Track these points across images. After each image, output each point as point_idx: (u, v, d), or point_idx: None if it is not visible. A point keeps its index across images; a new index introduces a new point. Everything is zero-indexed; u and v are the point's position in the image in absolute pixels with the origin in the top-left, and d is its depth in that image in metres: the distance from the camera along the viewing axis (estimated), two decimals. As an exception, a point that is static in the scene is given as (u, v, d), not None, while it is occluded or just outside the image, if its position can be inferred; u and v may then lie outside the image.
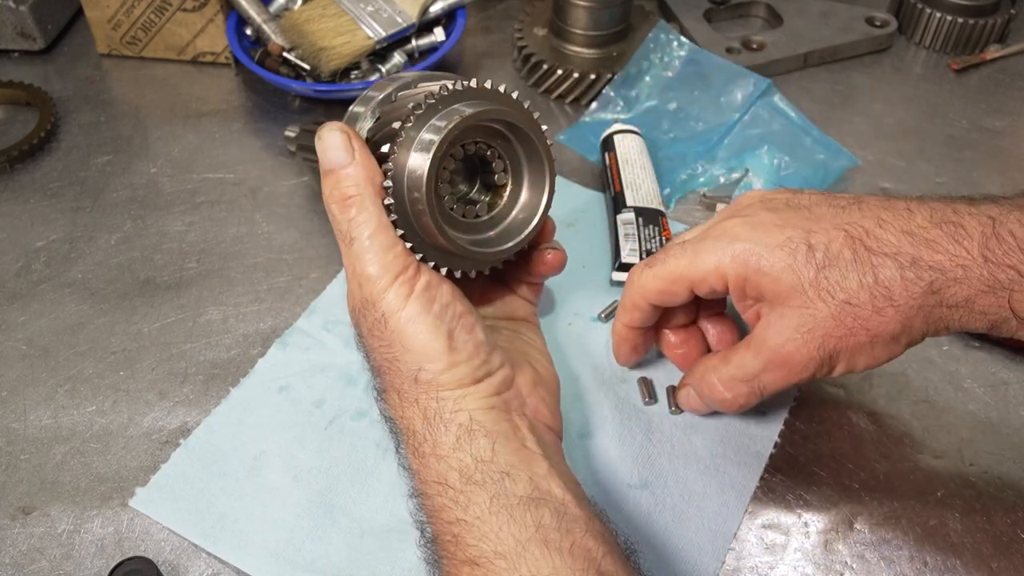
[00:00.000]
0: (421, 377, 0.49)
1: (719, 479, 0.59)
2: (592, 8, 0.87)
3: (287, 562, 0.55)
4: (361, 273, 0.50)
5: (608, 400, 0.64)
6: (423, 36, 0.89)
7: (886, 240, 0.49)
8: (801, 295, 0.51)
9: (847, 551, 0.56)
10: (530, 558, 0.44)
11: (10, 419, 0.63)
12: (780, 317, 0.52)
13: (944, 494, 0.59)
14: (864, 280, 0.49)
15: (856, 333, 0.50)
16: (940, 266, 0.48)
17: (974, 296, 0.48)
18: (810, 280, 0.50)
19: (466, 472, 0.47)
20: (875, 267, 0.49)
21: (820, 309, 0.50)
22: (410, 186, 0.49)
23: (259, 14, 0.88)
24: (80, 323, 0.69)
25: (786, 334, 0.52)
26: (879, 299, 0.49)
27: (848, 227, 0.50)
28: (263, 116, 0.88)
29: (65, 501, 0.59)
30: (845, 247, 0.50)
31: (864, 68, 0.94)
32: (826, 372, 0.53)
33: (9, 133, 0.86)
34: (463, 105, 0.49)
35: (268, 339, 0.68)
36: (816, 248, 0.50)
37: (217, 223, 0.77)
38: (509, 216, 0.54)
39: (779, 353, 0.52)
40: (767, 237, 0.52)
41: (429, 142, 0.48)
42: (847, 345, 0.51)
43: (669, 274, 0.56)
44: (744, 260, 0.52)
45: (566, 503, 0.47)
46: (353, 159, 0.50)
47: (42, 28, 0.93)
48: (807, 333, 0.51)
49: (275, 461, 0.60)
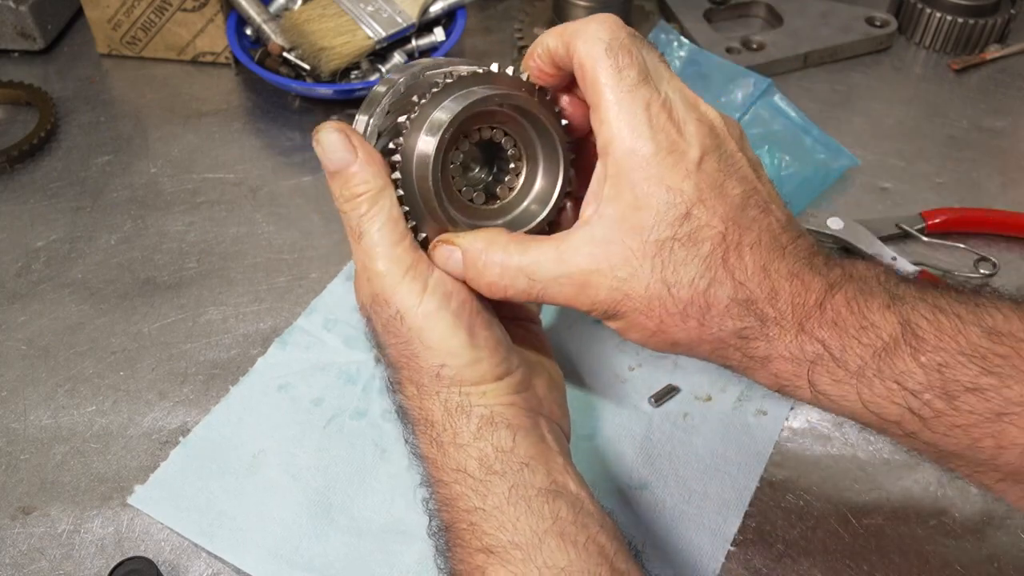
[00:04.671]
0: (443, 373, 0.49)
1: (719, 479, 0.59)
2: (592, 8, 0.87)
3: (285, 560, 0.55)
4: (371, 268, 0.49)
5: (609, 401, 0.64)
6: (423, 36, 0.89)
7: (745, 265, 0.46)
8: (640, 241, 0.46)
9: (847, 551, 0.56)
10: (546, 549, 0.44)
11: (10, 419, 0.63)
12: (605, 243, 0.47)
13: (943, 494, 0.59)
14: (697, 283, 0.46)
15: (650, 317, 0.47)
16: (763, 317, 0.45)
17: (773, 358, 0.46)
18: (658, 238, 0.46)
19: (486, 461, 0.47)
20: (714, 281, 0.46)
21: (643, 270, 0.46)
22: (418, 172, 0.49)
23: (259, 14, 0.88)
24: (80, 323, 0.69)
25: (600, 265, 0.47)
26: (693, 309, 0.46)
27: (730, 228, 0.46)
28: (263, 116, 0.88)
29: (65, 501, 0.59)
30: (709, 242, 0.46)
31: (864, 68, 0.94)
32: (599, 316, 0.49)
33: (9, 133, 0.86)
34: (475, 88, 0.49)
35: (268, 339, 0.68)
36: (691, 219, 0.46)
37: (217, 223, 0.77)
38: (521, 205, 0.53)
39: (581, 277, 0.47)
40: (671, 168, 0.46)
41: (438, 125, 0.48)
42: (633, 320, 0.48)
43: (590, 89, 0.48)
44: (637, 162, 0.46)
45: (582, 498, 0.47)
46: (356, 156, 0.50)
47: (42, 28, 0.93)
48: (618, 280, 0.47)
49: (274, 459, 0.60)
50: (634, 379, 0.65)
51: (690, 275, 0.46)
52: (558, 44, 0.50)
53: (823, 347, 0.45)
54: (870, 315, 0.44)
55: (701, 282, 0.46)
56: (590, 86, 0.48)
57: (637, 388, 0.65)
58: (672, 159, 0.46)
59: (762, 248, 0.46)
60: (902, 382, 0.43)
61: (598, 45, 0.47)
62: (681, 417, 0.63)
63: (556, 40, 0.50)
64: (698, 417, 0.63)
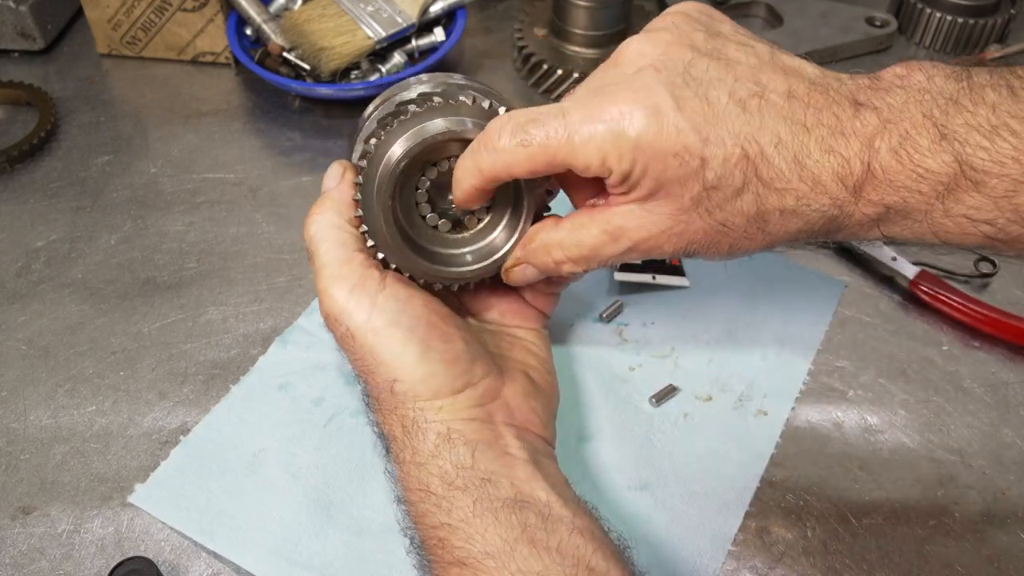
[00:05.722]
0: (396, 388, 0.49)
1: (719, 479, 0.59)
2: (592, 8, 0.87)
3: (284, 559, 0.55)
4: (320, 288, 0.51)
5: (608, 402, 0.64)
6: (423, 36, 0.89)
7: (778, 169, 0.45)
8: (677, 204, 0.47)
9: (847, 551, 0.56)
10: (519, 556, 0.44)
11: (10, 419, 0.63)
12: (645, 213, 0.48)
13: (943, 494, 0.59)
14: (744, 209, 0.46)
15: (719, 244, 0.48)
16: (816, 207, 0.46)
17: (843, 229, 0.47)
18: (692, 195, 0.46)
19: (447, 478, 0.47)
20: (759, 199, 0.46)
21: (694, 220, 0.47)
22: (378, 199, 0.50)
23: (259, 14, 0.88)
24: (80, 323, 0.69)
25: (651, 232, 0.48)
26: (753, 226, 0.47)
27: (747, 143, 0.45)
28: (263, 116, 0.88)
29: (65, 501, 0.59)
30: (737, 169, 0.45)
31: (864, 68, 0.94)
32: (678, 256, 0.53)
33: (9, 133, 0.86)
34: (435, 121, 0.50)
35: (268, 339, 0.68)
36: (709, 164, 0.45)
37: (217, 223, 0.77)
38: (488, 237, 0.55)
39: (643, 245, 0.49)
40: (662, 137, 0.45)
41: (393, 158, 0.49)
42: (708, 250, 0.49)
43: (545, 158, 0.47)
44: (633, 159, 0.46)
45: (551, 504, 0.47)
46: (336, 186, 0.53)
47: (42, 28, 0.93)
48: (675, 236, 0.48)
49: (274, 459, 0.60)
50: (634, 379, 0.65)
51: (736, 206, 0.46)
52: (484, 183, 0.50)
53: (884, 208, 0.45)
54: (922, 161, 0.43)
55: (748, 208, 0.46)
56: (550, 166, 0.47)
57: (637, 388, 0.65)
58: (654, 126, 0.45)
59: (785, 143, 0.45)
60: (971, 216, 0.43)
61: (518, 150, 0.47)
62: (681, 417, 0.63)
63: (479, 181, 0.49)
64: (698, 417, 0.63)
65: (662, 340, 0.68)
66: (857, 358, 0.67)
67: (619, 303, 0.69)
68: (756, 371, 0.65)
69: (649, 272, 0.70)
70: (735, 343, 0.67)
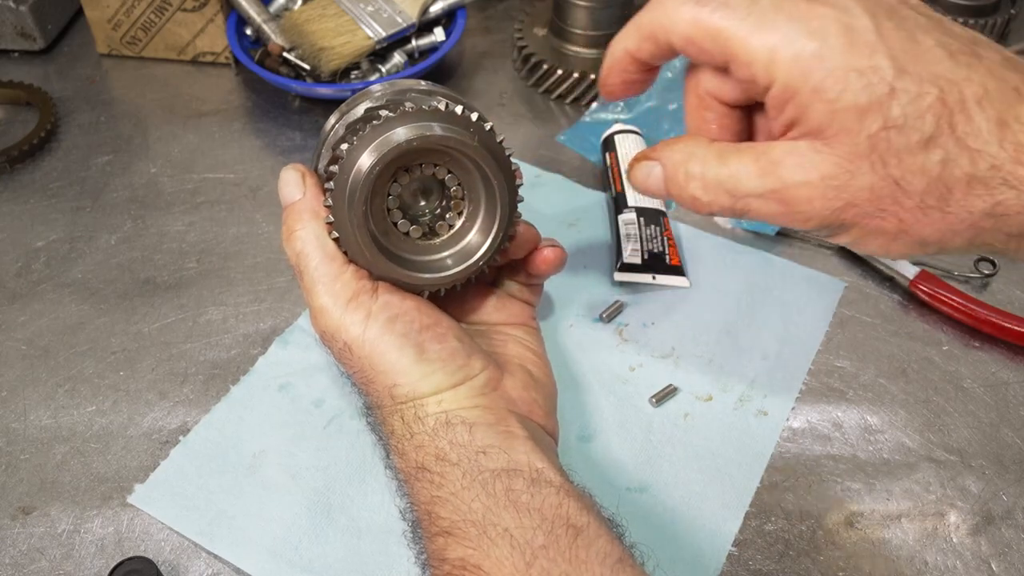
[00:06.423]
0: (396, 392, 0.50)
1: (719, 479, 0.59)
2: (592, 8, 0.87)
3: (284, 560, 0.55)
4: (314, 305, 0.51)
5: (608, 402, 0.64)
6: (423, 36, 0.89)
7: (977, 127, 0.39)
8: (850, 144, 0.40)
9: (846, 551, 0.56)
10: (499, 520, 0.44)
11: (10, 419, 0.63)
12: (811, 152, 0.41)
13: (943, 494, 0.59)
14: (928, 167, 0.39)
15: (886, 218, 0.41)
16: (1015, 182, 0.38)
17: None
18: (870, 133, 0.39)
19: (442, 455, 0.48)
20: (947, 158, 0.39)
21: (862, 172, 0.40)
22: (349, 209, 0.49)
23: (259, 14, 0.88)
24: (80, 323, 0.69)
25: (809, 177, 0.41)
26: (931, 197, 0.40)
27: (947, 87, 0.39)
28: (263, 116, 0.88)
29: (65, 501, 0.59)
30: (930, 113, 0.39)
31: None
32: (825, 235, 0.44)
33: (9, 133, 0.86)
34: (403, 129, 0.48)
35: (268, 339, 0.68)
36: (898, 96, 0.39)
37: (217, 223, 0.77)
38: (460, 243, 0.54)
39: (789, 192, 0.42)
40: (852, 52, 0.39)
41: (364, 167, 0.48)
42: (869, 225, 0.41)
43: (712, 29, 0.42)
44: (807, 68, 0.40)
45: (542, 471, 0.47)
46: (303, 195, 0.52)
47: (42, 28, 0.93)
48: (834, 189, 0.41)
49: (274, 459, 0.60)
50: (634, 379, 0.65)
51: (918, 161, 0.39)
52: (639, 43, 0.47)
53: None
54: None
55: (932, 166, 0.39)
56: (711, 42, 0.42)
57: (637, 388, 0.65)
58: (844, 39, 0.39)
59: (992, 98, 0.39)
60: None
61: (687, 8, 0.43)
62: (681, 417, 0.63)
63: (633, 40, 0.47)
64: (698, 417, 0.63)
65: (662, 340, 0.68)
66: (857, 358, 0.67)
67: (619, 303, 0.69)
68: (756, 371, 0.65)
69: (649, 272, 0.70)
70: (735, 343, 0.67)
